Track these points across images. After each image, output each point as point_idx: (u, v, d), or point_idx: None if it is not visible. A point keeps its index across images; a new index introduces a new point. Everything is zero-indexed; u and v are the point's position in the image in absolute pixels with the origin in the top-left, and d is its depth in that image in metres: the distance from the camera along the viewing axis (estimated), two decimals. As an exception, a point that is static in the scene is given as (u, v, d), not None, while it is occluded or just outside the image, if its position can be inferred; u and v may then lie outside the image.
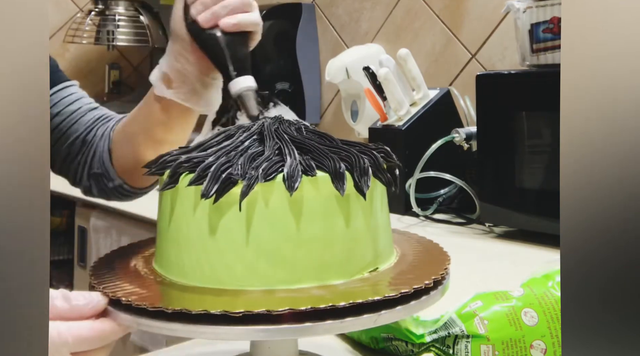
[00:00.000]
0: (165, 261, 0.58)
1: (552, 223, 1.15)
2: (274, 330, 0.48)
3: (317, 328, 0.49)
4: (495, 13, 1.59)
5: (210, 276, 0.54)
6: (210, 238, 0.54)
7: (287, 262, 0.53)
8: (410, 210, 1.40)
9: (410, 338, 0.64)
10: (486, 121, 1.26)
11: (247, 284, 0.53)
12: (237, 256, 0.53)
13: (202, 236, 0.54)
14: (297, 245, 0.53)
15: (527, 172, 1.23)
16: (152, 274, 0.58)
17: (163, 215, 0.58)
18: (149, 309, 0.50)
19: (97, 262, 0.62)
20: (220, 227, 0.54)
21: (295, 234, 0.53)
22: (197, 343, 0.74)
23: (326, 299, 0.50)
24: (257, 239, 0.53)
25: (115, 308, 0.53)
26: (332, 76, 1.76)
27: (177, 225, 0.56)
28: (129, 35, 2.19)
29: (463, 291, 0.66)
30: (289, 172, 0.53)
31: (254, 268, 0.53)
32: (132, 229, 1.58)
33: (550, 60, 1.21)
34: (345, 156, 0.56)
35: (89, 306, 0.52)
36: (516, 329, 0.62)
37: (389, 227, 0.61)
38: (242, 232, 0.53)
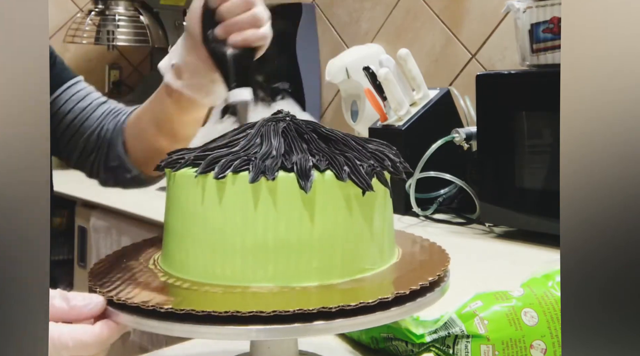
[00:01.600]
0: (170, 257, 0.58)
1: (552, 223, 1.15)
2: (274, 330, 0.48)
3: (317, 328, 0.49)
4: (495, 13, 1.59)
5: (212, 272, 0.54)
6: (214, 233, 0.54)
7: (292, 260, 0.53)
8: (410, 210, 1.41)
9: (410, 338, 0.64)
10: (486, 121, 1.26)
11: (250, 281, 0.53)
12: (241, 252, 0.53)
13: (206, 231, 0.55)
14: (303, 243, 0.53)
15: (527, 172, 1.23)
16: (154, 272, 0.58)
17: (169, 210, 0.58)
18: (149, 309, 0.50)
19: (97, 262, 0.62)
20: (225, 222, 0.54)
21: (302, 232, 0.53)
22: (197, 343, 0.74)
23: (331, 299, 0.50)
24: (263, 236, 0.53)
25: (115, 308, 0.52)
26: (332, 76, 1.76)
27: (183, 220, 0.57)
28: (129, 35, 2.19)
29: (463, 291, 0.66)
30: (301, 169, 0.53)
31: (258, 265, 0.53)
32: (132, 229, 1.58)
33: (550, 60, 1.21)
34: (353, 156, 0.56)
35: (88, 308, 0.52)
36: (516, 329, 0.62)
37: (392, 227, 0.61)
38: (246, 228, 0.53)
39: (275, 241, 0.53)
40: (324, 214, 0.54)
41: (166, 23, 2.22)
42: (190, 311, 0.48)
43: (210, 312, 0.48)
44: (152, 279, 0.57)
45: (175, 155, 0.59)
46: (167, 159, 0.59)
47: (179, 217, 0.57)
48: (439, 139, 1.36)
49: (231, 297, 0.52)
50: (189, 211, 0.56)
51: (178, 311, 0.49)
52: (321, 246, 0.54)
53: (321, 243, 0.54)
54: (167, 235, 0.59)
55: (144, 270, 0.59)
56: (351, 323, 0.50)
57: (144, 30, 2.17)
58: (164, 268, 0.59)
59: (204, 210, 0.55)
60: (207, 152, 0.57)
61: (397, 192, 1.43)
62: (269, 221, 0.53)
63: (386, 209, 0.59)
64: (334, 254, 0.54)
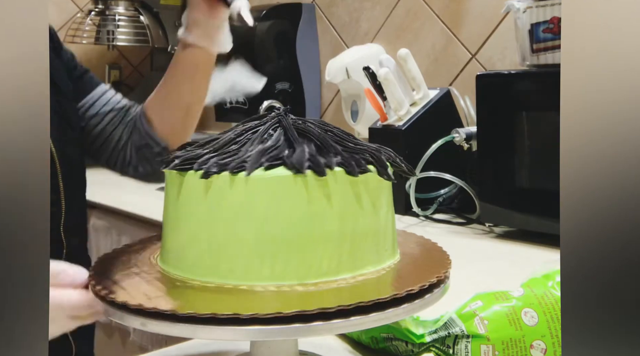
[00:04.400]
0: (169, 256, 0.58)
1: (552, 223, 1.15)
2: (274, 330, 0.48)
3: (317, 328, 0.49)
4: (495, 13, 1.59)
5: (211, 270, 0.54)
6: (211, 231, 0.54)
7: (292, 258, 0.53)
8: (410, 210, 1.40)
9: (410, 338, 0.64)
10: (486, 121, 1.26)
11: (248, 280, 0.53)
12: (241, 250, 0.53)
13: (205, 229, 0.55)
14: (304, 242, 0.53)
15: (527, 172, 1.23)
16: (154, 271, 0.58)
17: (168, 209, 0.58)
18: (149, 310, 0.50)
19: (97, 262, 0.62)
20: (223, 220, 0.54)
21: (303, 231, 0.53)
22: (197, 343, 0.74)
23: (330, 299, 0.50)
24: (261, 234, 0.53)
25: (115, 308, 0.52)
26: (332, 76, 1.76)
27: (182, 218, 0.57)
28: (129, 35, 2.18)
29: (463, 291, 0.66)
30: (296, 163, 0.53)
31: (257, 264, 0.53)
32: (132, 229, 1.58)
33: (550, 60, 1.21)
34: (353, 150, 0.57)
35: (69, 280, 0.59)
36: (516, 329, 0.62)
37: (394, 226, 0.61)
38: (243, 227, 0.53)
39: (274, 239, 0.53)
40: (326, 211, 0.54)
41: (166, 23, 2.21)
42: (192, 313, 0.48)
43: (211, 314, 0.48)
44: (152, 279, 0.57)
45: (173, 154, 0.59)
46: (166, 158, 0.59)
47: (178, 215, 0.57)
48: (439, 139, 1.36)
49: (231, 297, 0.52)
50: (186, 210, 0.56)
51: (179, 313, 0.49)
52: (321, 244, 0.54)
53: (321, 240, 0.54)
54: (166, 234, 0.59)
55: (144, 269, 0.59)
56: (352, 323, 0.50)
57: (144, 30, 2.17)
58: (163, 267, 0.59)
59: (203, 208, 0.55)
60: (202, 150, 0.57)
61: (397, 192, 1.43)
62: (268, 219, 0.53)
63: (389, 208, 0.59)
64: (334, 251, 0.54)
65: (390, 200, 0.60)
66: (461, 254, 1.08)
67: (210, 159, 0.55)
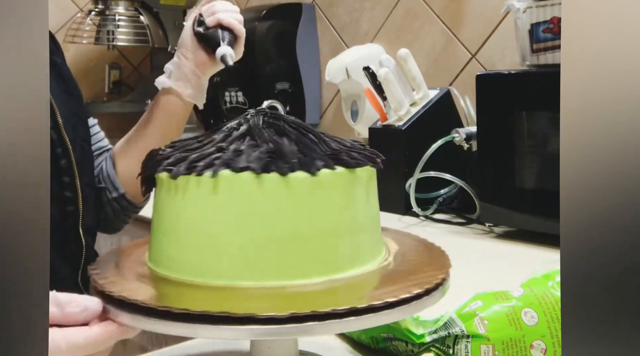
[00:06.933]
0: (160, 257, 0.58)
1: (552, 223, 1.15)
2: (274, 330, 0.48)
3: (317, 328, 0.49)
4: (495, 13, 1.59)
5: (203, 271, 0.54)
6: (201, 231, 0.54)
7: (287, 257, 0.53)
8: (410, 210, 1.40)
9: (410, 338, 0.64)
10: (486, 121, 1.26)
11: (242, 279, 0.53)
12: (229, 249, 0.53)
13: (194, 229, 0.55)
14: (296, 239, 0.53)
15: (527, 172, 1.23)
16: (150, 272, 0.58)
17: (157, 211, 0.59)
18: (147, 308, 0.50)
19: (96, 262, 0.62)
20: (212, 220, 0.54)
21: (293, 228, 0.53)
22: (197, 343, 0.74)
23: (328, 301, 0.50)
24: (249, 233, 0.53)
25: (113, 306, 0.52)
26: (332, 76, 1.76)
27: (171, 219, 0.57)
28: (129, 35, 2.18)
29: (463, 291, 0.66)
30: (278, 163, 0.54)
31: (248, 263, 0.53)
32: (132, 229, 1.58)
33: (550, 60, 1.21)
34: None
35: (83, 315, 0.52)
36: (516, 329, 0.62)
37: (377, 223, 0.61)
38: (233, 225, 0.53)
39: (263, 238, 0.53)
40: (314, 209, 0.54)
41: (166, 23, 2.21)
42: (188, 310, 0.48)
43: (206, 312, 0.48)
44: (150, 279, 0.57)
45: (160, 155, 0.59)
46: (151, 160, 0.59)
47: (168, 217, 0.57)
48: (439, 139, 1.36)
49: (230, 297, 0.52)
50: (176, 212, 0.56)
51: (176, 309, 0.49)
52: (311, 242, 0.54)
53: (311, 238, 0.54)
54: (157, 235, 0.59)
55: (141, 269, 0.59)
56: (351, 323, 0.50)
57: (144, 30, 2.17)
58: (154, 268, 0.59)
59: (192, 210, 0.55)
60: (190, 152, 0.58)
61: (397, 192, 1.43)
62: (257, 218, 0.53)
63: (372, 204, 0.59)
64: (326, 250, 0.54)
65: (374, 195, 0.60)
66: (461, 254, 1.08)
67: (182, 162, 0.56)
